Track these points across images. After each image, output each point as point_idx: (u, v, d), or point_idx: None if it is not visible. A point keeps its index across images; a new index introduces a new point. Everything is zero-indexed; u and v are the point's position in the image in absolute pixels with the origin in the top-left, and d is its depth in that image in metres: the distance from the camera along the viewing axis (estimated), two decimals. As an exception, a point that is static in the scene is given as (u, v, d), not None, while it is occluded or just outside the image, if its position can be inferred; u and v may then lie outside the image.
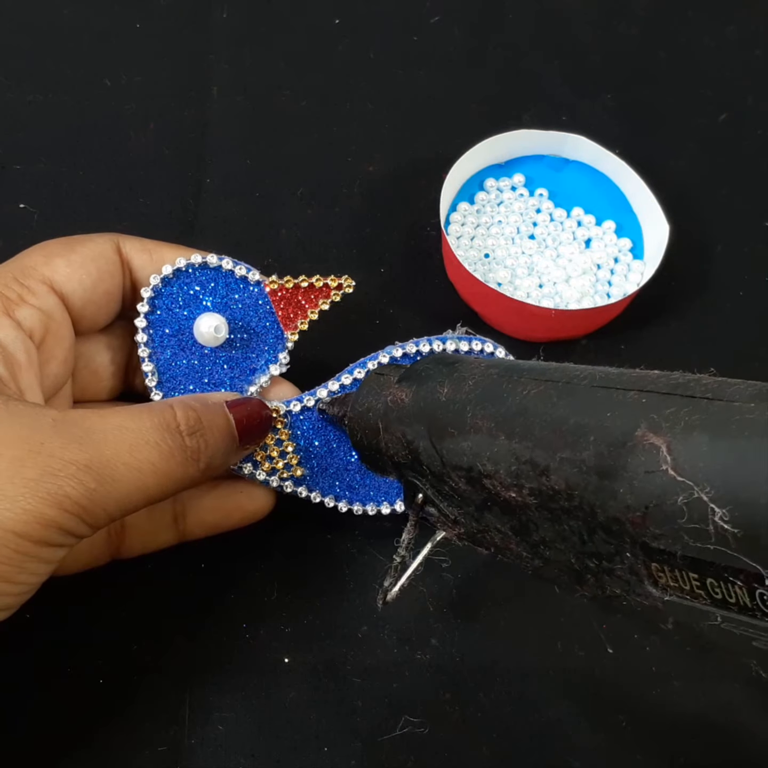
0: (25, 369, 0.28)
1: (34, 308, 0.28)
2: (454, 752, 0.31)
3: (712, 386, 0.18)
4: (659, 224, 0.39)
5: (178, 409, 0.27)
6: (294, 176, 0.42)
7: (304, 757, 0.30)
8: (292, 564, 0.33)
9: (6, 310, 0.28)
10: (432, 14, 0.47)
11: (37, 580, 0.25)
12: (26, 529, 0.24)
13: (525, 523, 0.22)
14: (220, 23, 0.45)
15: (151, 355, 0.31)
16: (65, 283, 0.29)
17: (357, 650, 0.32)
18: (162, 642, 0.32)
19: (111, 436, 0.25)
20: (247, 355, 0.32)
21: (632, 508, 0.18)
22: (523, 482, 0.21)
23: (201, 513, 0.32)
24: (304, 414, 0.32)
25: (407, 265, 0.40)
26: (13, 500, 0.23)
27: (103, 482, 0.25)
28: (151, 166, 0.41)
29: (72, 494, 0.24)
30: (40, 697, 0.31)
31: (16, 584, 0.25)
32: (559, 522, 0.21)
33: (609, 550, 0.20)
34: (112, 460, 0.25)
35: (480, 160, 0.41)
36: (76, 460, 0.24)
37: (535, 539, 0.22)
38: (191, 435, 0.27)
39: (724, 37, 0.47)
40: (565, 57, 0.46)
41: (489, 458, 0.23)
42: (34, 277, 0.29)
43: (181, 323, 0.31)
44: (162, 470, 0.26)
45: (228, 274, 0.32)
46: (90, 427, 0.25)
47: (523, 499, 0.21)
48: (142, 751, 0.30)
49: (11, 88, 0.43)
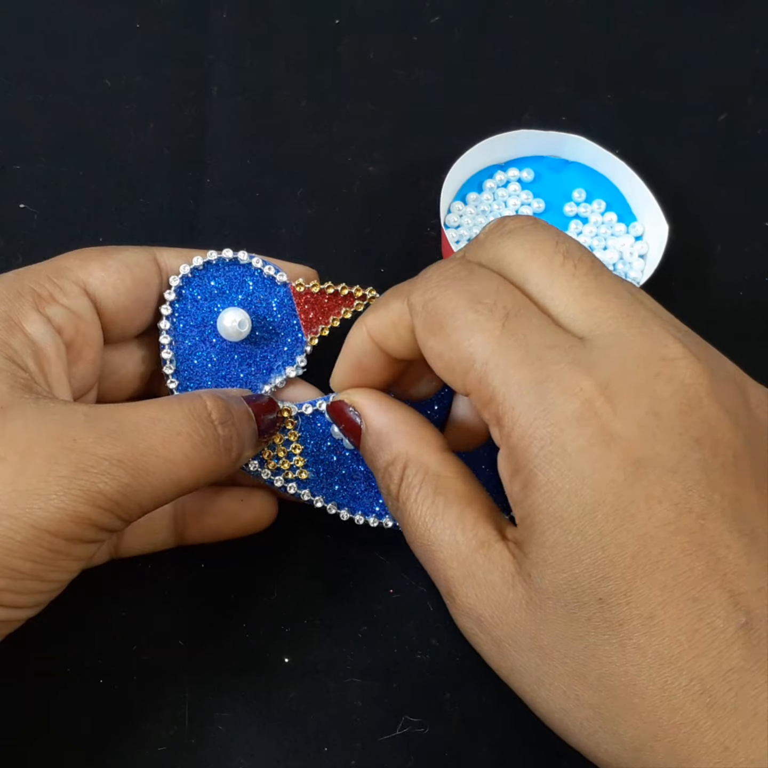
0: (54, 364, 0.27)
1: (64, 307, 0.28)
2: (454, 752, 0.31)
3: None
4: (659, 224, 0.39)
5: (208, 399, 0.27)
6: (294, 176, 0.42)
7: (304, 757, 0.30)
8: (292, 564, 0.33)
9: (36, 306, 0.28)
10: (432, 14, 0.47)
11: (69, 577, 0.25)
12: (60, 528, 0.24)
13: None
14: (219, 23, 0.45)
15: (172, 343, 0.31)
16: (99, 286, 0.29)
17: (357, 650, 0.32)
18: (162, 642, 0.32)
19: (144, 429, 0.25)
20: (266, 354, 0.32)
21: None
22: None
23: (200, 517, 0.32)
24: (316, 418, 0.32)
25: (407, 265, 0.40)
26: (46, 499, 0.23)
27: (137, 476, 0.24)
28: (151, 166, 0.41)
29: (106, 490, 0.24)
30: (40, 697, 0.31)
31: (48, 582, 0.25)
32: None
33: None
34: (146, 453, 0.25)
35: (479, 161, 0.41)
36: (109, 455, 0.24)
37: None
38: (223, 424, 0.27)
39: (724, 37, 0.47)
40: (565, 57, 0.46)
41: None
42: (68, 278, 0.29)
43: (205, 315, 0.32)
44: (195, 461, 0.26)
45: (256, 272, 0.32)
46: (122, 419, 0.25)
47: None
48: (142, 751, 0.30)
49: (11, 88, 0.43)
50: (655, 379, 0.23)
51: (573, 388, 0.23)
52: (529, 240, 0.26)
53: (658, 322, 0.24)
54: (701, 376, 0.23)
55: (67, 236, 0.39)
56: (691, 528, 0.22)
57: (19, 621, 0.25)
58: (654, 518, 0.22)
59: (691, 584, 0.22)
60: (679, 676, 0.21)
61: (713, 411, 0.23)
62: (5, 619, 0.25)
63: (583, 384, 0.23)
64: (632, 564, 0.22)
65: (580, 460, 0.22)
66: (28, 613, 0.25)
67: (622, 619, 0.22)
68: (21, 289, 0.28)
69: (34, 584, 0.24)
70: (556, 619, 0.23)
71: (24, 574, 0.24)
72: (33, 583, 0.24)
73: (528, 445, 0.23)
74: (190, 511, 0.32)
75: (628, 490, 0.22)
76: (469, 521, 0.25)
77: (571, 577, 0.22)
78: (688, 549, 0.22)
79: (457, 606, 0.25)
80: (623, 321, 0.24)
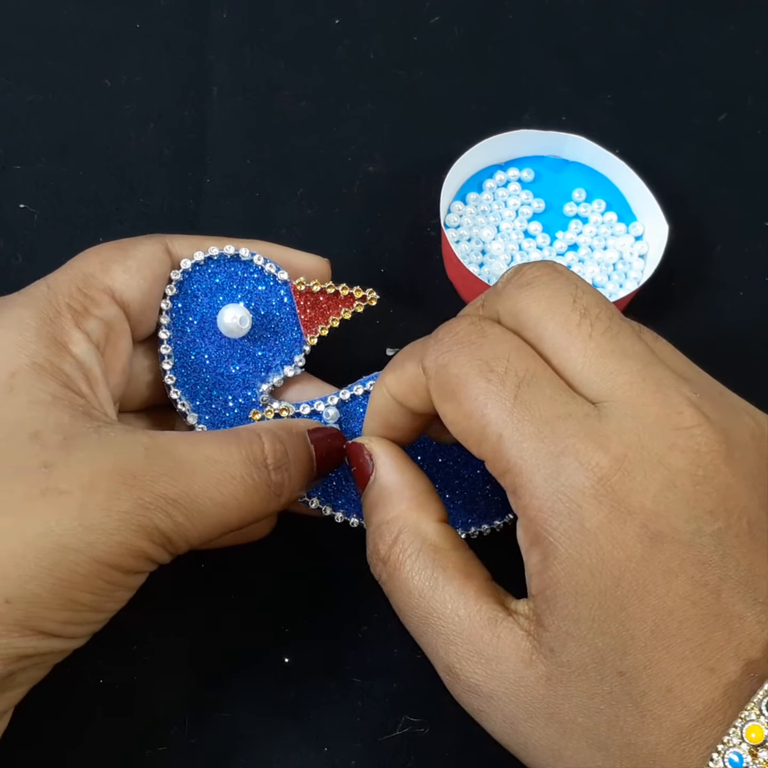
0: (102, 383, 0.27)
1: (99, 319, 0.28)
2: (454, 752, 0.31)
3: None
4: (659, 224, 0.39)
5: (267, 440, 0.27)
6: (294, 176, 0.42)
7: (304, 757, 0.30)
8: (292, 564, 0.33)
9: (76, 324, 0.27)
10: (432, 14, 0.47)
11: (120, 606, 0.26)
12: (119, 561, 0.24)
13: None
14: (220, 23, 0.45)
15: (171, 338, 0.31)
16: (125, 291, 0.29)
17: (357, 650, 0.32)
18: (162, 642, 0.32)
19: (199, 469, 0.25)
20: (265, 352, 0.32)
21: None
22: None
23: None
24: (312, 419, 0.32)
25: (407, 265, 0.40)
26: (109, 534, 0.24)
27: (189, 517, 0.25)
28: (151, 166, 0.41)
29: (161, 527, 0.24)
30: (40, 697, 0.31)
31: (103, 612, 0.25)
32: None
33: None
34: (200, 495, 0.25)
35: (479, 161, 0.41)
36: (166, 494, 0.24)
37: None
38: (277, 470, 0.27)
39: (724, 37, 0.47)
40: (565, 57, 0.46)
41: None
42: (96, 287, 0.28)
43: (205, 311, 0.32)
44: (245, 506, 0.26)
45: (257, 270, 0.32)
46: (180, 457, 0.25)
47: None
48: (142, 751, 0.30)
49: (11, 88, 0.43)
50: (671, 451, 0.23)
51: (589, 463, 0.23)
52: (546, 295, 0.25)
53: (674, 384, 0.24)
54: (717, 443, 0.23)
55: (67, 236, 0.39)
56: (707, 601, 0.22)
57: (70, 651, 0.26)
58: (672, 593, 0.22)
59: (708, 656, 0.22)
60: (695, 745, 0.22)
61: (728, 479, 0.23)
62: (62, 649, 0.25)
63: (599, 459, 0.23)
64: (651, 638, 0.22)
65: (599, 536, 0.22)
66: (80, 643, 0.26)
67: (642, 692, 0.22)
68: (59, 306, 0.27)
69: (92, 615, 0.25)
70: (577, 694, 0.23)
71: (84, 606, 0.24)
72: (91, 614, 0.25)
73: (547, 518, 0.23)
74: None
75: (646, 566, 0.22)
76: (471, 596, 0.25)
77: (594, 651, 0.23)
78: (704, 621, 0.22)
79: (461, 683, 0.25)
80: (638, 386, 0.24)
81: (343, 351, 0.33)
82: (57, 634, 0.24)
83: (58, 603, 0.23)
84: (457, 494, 0.32)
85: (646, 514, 0.23)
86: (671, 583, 0.22)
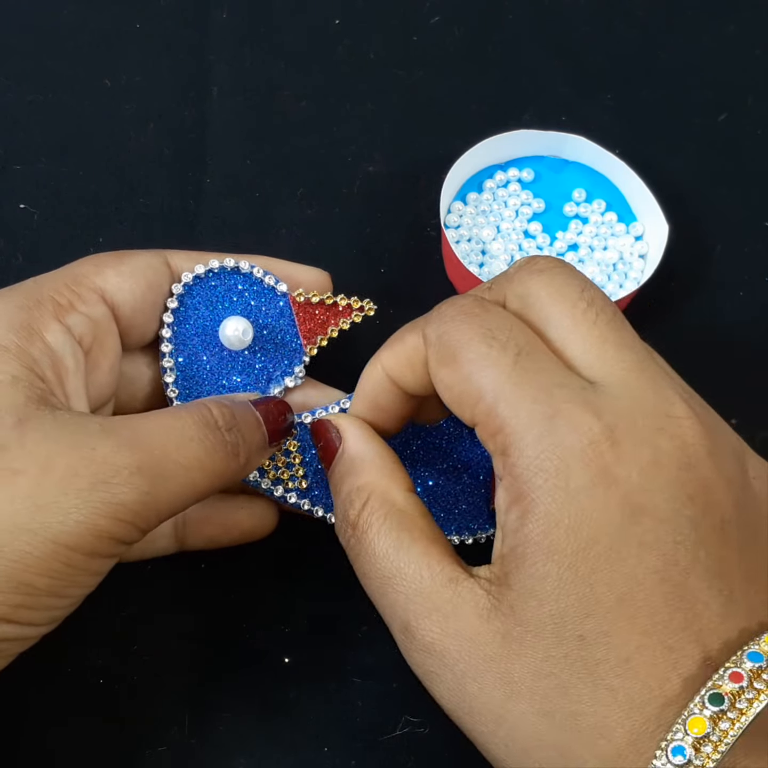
0: (73, 374, 0.27)
1: (83, 315, 0.28)
2: (454, 752, 0.31)
3: None
4: (659, 224, 0.39)
5: (213, 406, 0.27)
6: (294, 176, 0.42)
7: (304, 757, 0.30)
8: (292, 564, 0.33)
9: (56, 315, 0.27)
10: (432, 14, 0.47)
11: (85, 592, 0.25)
12: (79, 542, 0.23)
13: None
14: (220, 23, 0.45)
15: (173, 351, 0.31)
16: (116, 292, 0.29)
17: (357, 650, 0.32)
18: (162, 642, 0.32)
19: (158, 436, 0.25)
20: (265, 364, 0.32)
21: None
22: None
23: (200, 525, 0.32)
24: None
25: (407, 265, 0.40)
26: (66, 513, 0.23)
27: (155, 483, 0.24)
28: (151, 166, 0.41)
29: (126, 501, 0.24)
30: (40, 697, 0.31)
31: (64, 598, 0.24)
32: None
33: None
34: (162, 460, 0.25)
35: (479, 161, 0.41)
36: (128, 463, 0.24)
37: None
38: (229, 430, 0.27)
39: (724, 37, 0.47)
40: (565, 57, 0.46)
41: None
42: (86, 285, 0.29)
43: (206, 324, 0.32)
44: (208, 466, 0.26)
45: (257, 282, 0.32)
46: (136, 428, 0.25)
47: None
48: (142, 751, 0.30)
49: (11, 88, 0.43)
50: (659, 433, 0.24)
51: (582, 427, 0.23)
52: (556, 283, 0.26)
53: (668, 381, 0.25)
54: (703, 438, 0.24)
55: (67, 236, 0.39)
56: (675, 580, 0.22)
57: (33, 638, 0.25)
58: (643, 565, 0.22)
59: (669, 634, 0.22)
60: (646, 721, 0.22)
61: (710, 473, 0.24)
62: (19, 636, 0.24)
63: (592, 424, 0.23)
64: (616, 605, 0.22)
65: (582, 498, 0.23)
66: (42, 631, 0.25)
67: (598, 659, 0.22)
68: (41, 298, 0.27)
69: (50, 600, 0.24)
70: (532, 654, 0.23)
71: (40, 591, 0.23)
72: (49, 599, 0.24)
73: (533, 476, 0.23)
74: (191, 519, 0.31)
75: (623, 533, 0.23)
76: (434, 557, 0.25)
77: (556, 611, 0.23)
78: (670, 600, 0.22)
79: (416, 641, 0.25)
80: (635, 374, 0.25)
81: (344, 351, 0.33)
82: (10, 620, 0.23)
83: (10, 586, 0.23)
84: (460, 497, 0.32)
85: (631, 485, 0.23)
86: (644, 555, 0.22)
